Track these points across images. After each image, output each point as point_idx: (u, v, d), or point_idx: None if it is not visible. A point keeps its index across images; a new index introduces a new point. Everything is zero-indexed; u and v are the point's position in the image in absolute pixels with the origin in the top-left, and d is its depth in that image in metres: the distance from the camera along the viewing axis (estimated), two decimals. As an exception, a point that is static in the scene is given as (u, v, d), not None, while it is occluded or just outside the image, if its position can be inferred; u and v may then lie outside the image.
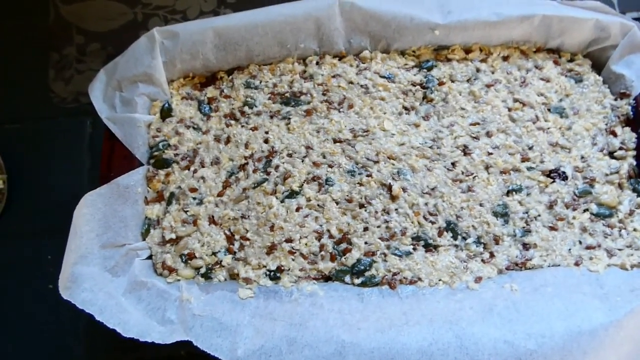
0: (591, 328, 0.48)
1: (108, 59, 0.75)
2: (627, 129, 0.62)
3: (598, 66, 0.66)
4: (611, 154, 0.61)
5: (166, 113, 0.65)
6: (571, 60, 0.66)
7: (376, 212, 0.59)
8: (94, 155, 0.74)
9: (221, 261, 0.59)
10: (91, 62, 0.80)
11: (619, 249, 0.56)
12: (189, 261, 0.59)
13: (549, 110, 0.63)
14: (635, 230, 0.57)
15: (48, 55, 0.81)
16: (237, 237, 0.60)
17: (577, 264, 0.56)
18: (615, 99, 0.63)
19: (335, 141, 0.63)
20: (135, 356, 0.63)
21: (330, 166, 0.62)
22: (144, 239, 0.60)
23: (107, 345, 0.55)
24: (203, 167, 0.64)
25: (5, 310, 0.68)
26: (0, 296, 0.69)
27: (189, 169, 0.64)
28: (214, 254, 0.60)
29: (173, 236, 0.61)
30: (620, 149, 0.60)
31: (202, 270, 0.59)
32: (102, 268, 0.56)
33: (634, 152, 0.60)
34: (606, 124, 0.62)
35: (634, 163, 0.60)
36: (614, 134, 0.61)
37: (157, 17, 0.81)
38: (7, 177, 0.73)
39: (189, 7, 0.81)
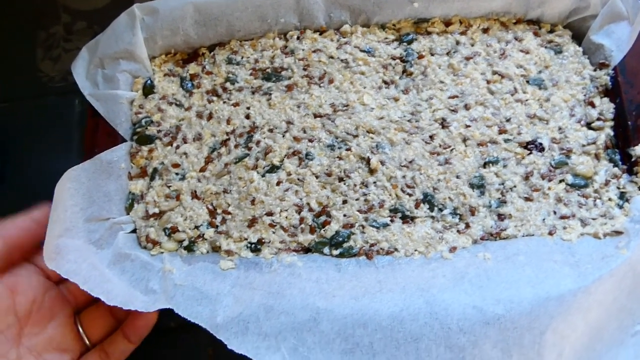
0: (559, 294, 0.49)
1: (94, 38, 0.76)
2: (606, 99, 0.61)
3: (578, 37, 0.65)
4: (589, 125, 0.61)
5: (148, 90, 0.66)
6: (551, 32, 0.66)
7: (355, 185, 0.60)
8: (82, 133, 0.76)
9: (203, 234, 0.61)
10: (78, 40, 0.81)
11: (593, 219, 0.57)
12: (172, 234, 0.61)
13: (527, 82, 0.63)
14: (610, 200, 0.57)
15: (36, 34, 0.82)
16: (219, 211, 0.62)
17: (550, 234, 0.56)
18: (595, 70, 0.63)
19: (315, 116, 0.64)
20: None
21: (311, 141, 0.63)
22: (127, 213, 0.62)
23: None
24: (185, 143, 0.65)
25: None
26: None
27: (171, 145, 0.65)
28: (196, 227, 0.61)
29: (156, 210, 0.62)
30: (598, 119, 0.60)
31: (185, 243, 0.61)
32: (87, 241, 0.57)
33: (612, 123, 0.60)
34: (585, 95, 0.62)
35: (612, 133, 0.60)
36: (592, 105, 0.61)
37: (143, -5, 0.82)
38: None
39: (174, -14, 0.81)
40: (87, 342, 0.57)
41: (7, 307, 0.53)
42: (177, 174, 0.63)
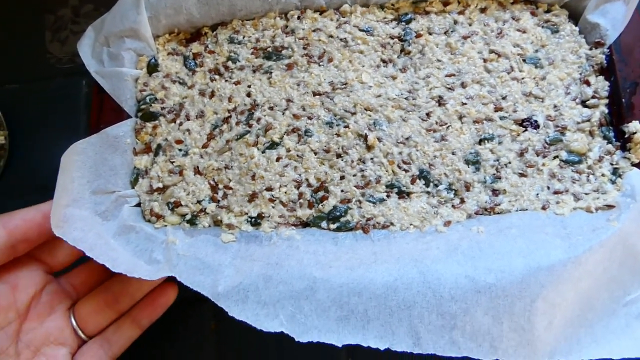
0: (549, 264, 0.50)
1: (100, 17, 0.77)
2: (601, 77, 0.62)
3: (575, 16, 0.66)
4: (584, 103, 0.62)
5: (152, 68, 0.68)
6: (548, 11, 0.66)
7: (352, 161, 0.62)
8: (89, 113, 0.77)
9: (205, 209, 0.62)
10: (85, 23, 0.81)
11: (586, 194, 0.58)
12: (175, 209, 0.63)
13: (524, 60, 0.64)
14: (603, 175, 0.58)
15: (44, 17, 0.83)
16: (220, 186, 0.63)
17: (544, 208, 0.57)
18: (590, 49, 0.63)
19: (314, 94, 0.65)
20: None
21: (310, 118, 0.64)
22: (132, 187, 0.64)
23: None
24: (188, 120, 0.66)
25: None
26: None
27: (175, 122, 0.66)
28: (198, 202, 0.63)
29: (160, 185, 0.64)
30: (593, 97, 0.61)
31: (188, 217, 0.62)
32: (93, 212, 0.59)
33: (606, 100, 0.61)
34: (580, 74, 0.63)
35: (606, 111, 0.61)
36: (588, 83, 0.62)
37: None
38: (8, 133, 0.77)
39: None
40: (82, 334, 0.57)
41: (8, 304, 0.53)
42: (180, 150, 0.65)
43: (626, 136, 0.59)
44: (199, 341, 0.68)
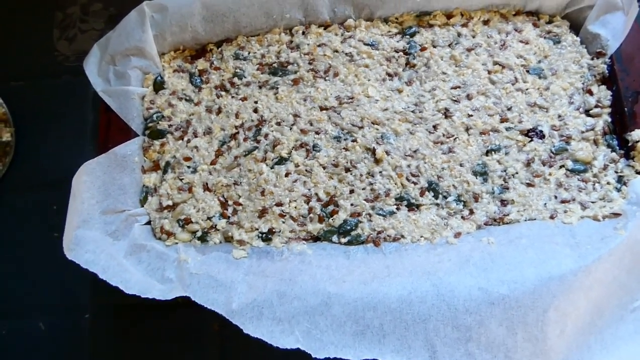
0: (560, 273, 0.51)
1: (110, 19, 0.78)
2: (603, 87, 0.63)
3: (576, 27, 0.67)
4: (587, 112, 0.63)
5: (159, 85, 0.68)
6: (550, 22, 0.68)
7: (361, 175, 0.62)
8: (96, 111, 0.77)
9: (216, 225, 0.63)
10: (94, 22, 0.82)
11: (592, 202, 0.59)
12: (186, 226, 0.63)
13: (527, 71, 0.65)
14: (608, 183, 0.59)
15: (53, 15, 0.83)
16: (230, 202, 0.64)
17: (552, 217, 0.58)
18: (592, 59, 0.65)
19: (321, 109, 0.66)
20: (137, 299, 0.66)
21: (317, 133, 0.65)
22: (142, 206, 0.64)
23: (109, 286, 0.59)
24: (196, 137, 0.67)
25: (14, 254, 0.73)
26: (10, 241, 0.74)
27: (182, 139, 0.66)
28: (209, 218, 0.63)
29: (170, 203, 0.64)
30: (596, 106, 0.62)
31: (199, 234, 0.63)
32: (104, 232, 0.59)
33: (609, 110, 0.62)
34: (583, 83, 0.64)
35: (609, 120, 0.62)
36: (590, 93, 0.63)
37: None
38: (14, 130, 0.76)
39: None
40: None
41: None
42: (188, 167, 0.65)
43: (630, 144, 0.60)
44: (203, 342, 0.68)
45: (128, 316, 0.69)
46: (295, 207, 0.62)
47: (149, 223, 0.64)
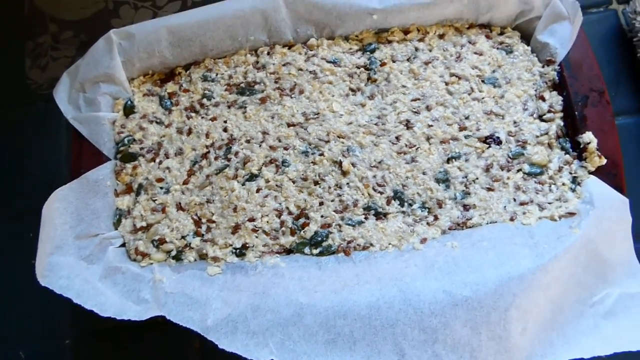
0: (519, 273, 0.54)
1: (81, 46, 0.79)
2: (554, 93, 0.67)
3: (526, 37, 0.71)
4: (541, 117, 0.66)
5: (129, 110, 0.69)
6: (502, 34, 0.71)
7: (329, 187, 0.64)
8: (70, 138, 0.77)
9: (190, 244, 0.64)
10: (65, 49, 0.84)
11: (549, 203, 0.61)
12: (160, 246, 0.64)
13: (483, 81, 0.68)
14: (563, 184, 0.62)
15: (24, 44, 0.85)
16: (203, 220, 0.65)
17: (512, 219, 0.61)
18: (543, 66, 0.68)
19: (289, 125, 0.68)
20: (117, 322, 0.66)
21: (286, 148, 0.67)
22: (116, 229, 0.65)
23: (88, 310, 0.59)
24: (168, 158, 0.68)
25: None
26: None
27: (154, 161, 0.68)
28: (183, 237, 0.64)
29: (144, 224, 0.65)
30: (549, 112, 0.66)
31: (173, 253, 0.64)
32: (78, 257, 0.60)
33: (561, 114, 0.65)
34: (535, 90, 0.67)
35: (562, 124, 0.65)
36: (543, 99, 0.66)
37: (127, 4, 0.85)
38: None
39: (158, -5, 0.84)
40: None
41: None
42: (161, 188, 0.67)
43: (581, 146, 0.63)
44: (183, 360, 0.68)
45: (109, 339, 0.69)
46: (268, 222, 0.64)
47: (123, 245, 0.65)
